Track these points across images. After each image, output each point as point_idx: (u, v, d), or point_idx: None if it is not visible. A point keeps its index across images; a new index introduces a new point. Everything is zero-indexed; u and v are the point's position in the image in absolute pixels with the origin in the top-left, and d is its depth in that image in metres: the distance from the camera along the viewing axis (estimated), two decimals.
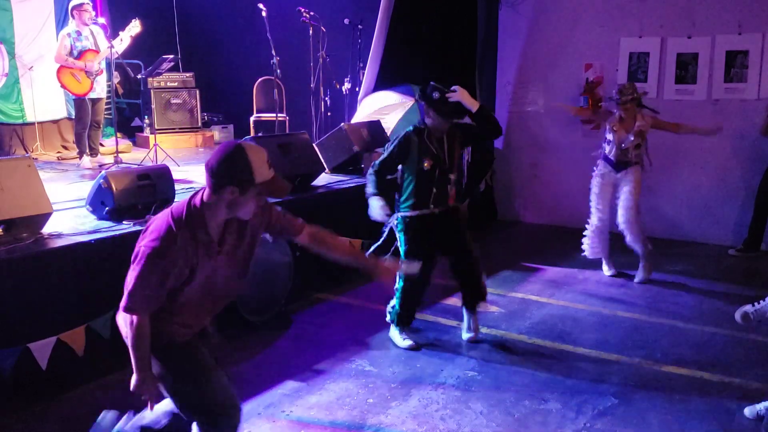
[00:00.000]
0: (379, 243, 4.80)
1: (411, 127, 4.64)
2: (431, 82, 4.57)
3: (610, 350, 4.73)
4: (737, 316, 3.86)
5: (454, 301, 5.67)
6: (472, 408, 3.90)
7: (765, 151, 6.93)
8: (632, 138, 5.99)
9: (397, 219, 4.67)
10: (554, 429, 3.69)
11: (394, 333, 4.81)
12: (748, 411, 3.81)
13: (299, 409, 3.85)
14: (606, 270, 6.44)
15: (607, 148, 6.12)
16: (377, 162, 4.67)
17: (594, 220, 6.29)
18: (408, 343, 4.73)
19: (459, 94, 4.51)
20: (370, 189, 4.64)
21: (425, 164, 4.52)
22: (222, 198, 2.52)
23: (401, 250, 4.67)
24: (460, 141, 4.70)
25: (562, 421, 3.77)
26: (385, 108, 7.60)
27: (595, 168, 6.28)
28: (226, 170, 2.48)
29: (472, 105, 4.53)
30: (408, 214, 4.62)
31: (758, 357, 4.63)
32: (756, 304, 3.79)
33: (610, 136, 6.10)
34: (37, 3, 8.55)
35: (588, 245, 6.37)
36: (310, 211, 5.75)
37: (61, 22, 8.60)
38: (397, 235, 4.70)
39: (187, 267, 2.53)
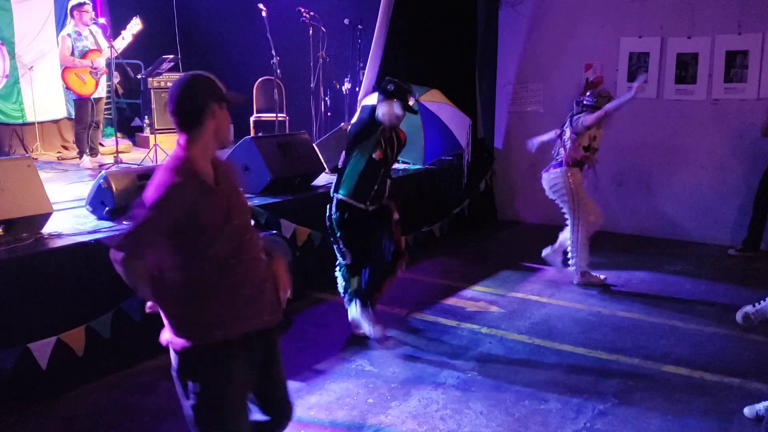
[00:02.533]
0: (347, 261, 4.78)
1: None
2: (388, 78, 4.55)
3: (610, 350, 4.73)
4: (738, 316, 3.86)
5: (454, 301, 5.69)
6: (472, 408, 3.90)
7: (765, 150, 6.93)
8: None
9: (334, 203, 4.66)
10: (554, 429, 3.69)
11: (361, 316, 4.74)
12: (747, 411, 3.81)
13: (299, 409, 3.84)
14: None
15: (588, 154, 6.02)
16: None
17: (582, 229, 6.08)
18: (375, 330, 4.71)
19: None
20: None
21: (376, 154, 4.53)
22: (207, 126, 2.44)
23: (336, 234, 4.69)
24: (398, 148, 4.74)
25: (562, 421, 3.77)
26: None
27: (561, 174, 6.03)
28: (202, 93, 2.43)
29: None
30: (345, 199, 4.58)
31: (758, 357, 4.63)
32: (756, 304, 3.79)
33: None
34: (37, 3, 8.55)
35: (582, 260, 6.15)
36: (310, 211, 5.77)
37: (61, 22, 8.59)
38: (333, 219, 4.68)
39: (192, 212, 2.34)
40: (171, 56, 8.10)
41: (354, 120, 5.16)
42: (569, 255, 6.13)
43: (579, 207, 5.96)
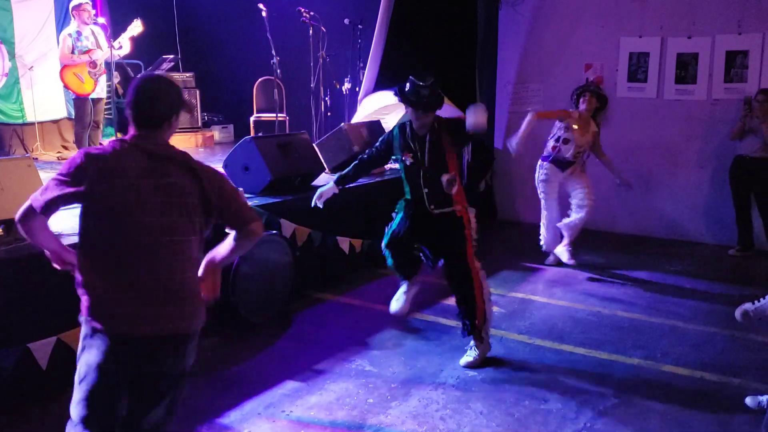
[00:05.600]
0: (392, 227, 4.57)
1: (398, 124, 4.55)
2: (410, 76, 4.31)
3: (610, 350, 4.73)
4: (737, 314, 3.86)
5: (454, 300, 5.67)
6: (472, 408, 3.89)
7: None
8: (589, 139, 6.22)
9: (400, 203, 4.55)
10: (554, 429, 3.69)
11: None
12: (749, 400, 3.82)
13: (299, 409, 3.85)
14: (551, 259, 6.69)
15: (564, 148, 6.21)
16: (366, 152, 4.67)
17: (545, 218, 6.59)
18: (397, 303, 4.66)
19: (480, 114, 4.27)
20: (339, 174, 4.74)
21: (406, 159, 4.35)
22: (172, 130, 2.54)
23: (390, 227, 4.53)
24: (449, 141, 4.32)
25: (562, 421, 3.77)
26: (385, 108, 7.61)
27: (539, 168, 6.47)
28: (180, 100, 2.52)
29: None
30: (409, 197, 4.48)
31: (758, 357, 4.63)
32: (756, 302, 3.79)
33: (568, 135, 6.20)
34: (37, 3, 8.55)
35: (544, 239, 6.65)
36: (310, 211, 5.76)
37: (61, 22, 8.60)
38: (394, 216, 4.55)
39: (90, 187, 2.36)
40: (171, 56, 8.11)
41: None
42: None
43: (542, 201, 6.56)
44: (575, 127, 6.17)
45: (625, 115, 7.79)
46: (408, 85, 4.26)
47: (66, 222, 4.62)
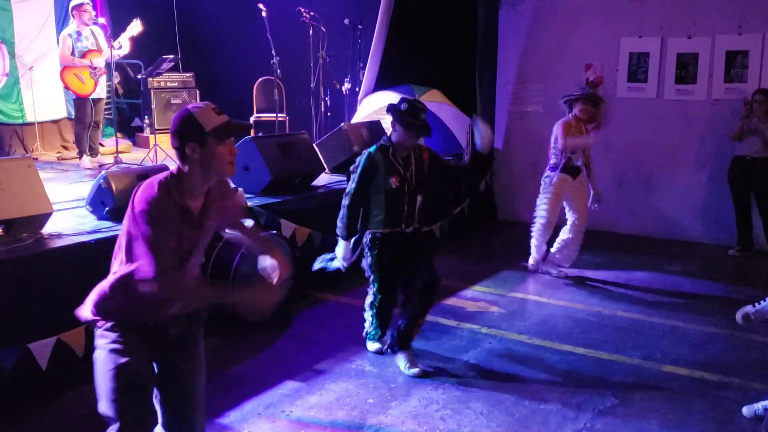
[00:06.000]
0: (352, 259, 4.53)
1: (373, 147, 4.34)
2: (402, 96, 4.27)
3: (610, 350, 4.73)
4: (738, 316, 3.86)
5: (454, 301, 5.69)
6: (472, 408, 3.90)
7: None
8: (591, 142, 6.14)
9: (366, 237, 4.39)
10: (554, 429, 3.69)
11: (368, 344, 4.71)
12: (746, 410, 3.81)
13: (299, 409, 3.85)
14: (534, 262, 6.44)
15: (573, 157, 6.06)
16: (349, 196, 4.34)
17: (539, 225, 6.33)
18: (376, 346, 4.62)
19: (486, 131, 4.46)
20: (341, 230, 4.39)
21: (392, 182, 4.24)
22: (190, 159, 2.63)
23: (366, 264, 4.43)
24: (428, 164, 4.40)
25: (562, 421, 3.77)
26: (384, 108, 7.60)
27: (546, 178, 6.22)
28: (179, 132, 2.63)
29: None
30: (378, 230, 4.34)
31: (758, 357, 4.63)
32: (756, 304, 3.79)
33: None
34: (37, 3, 8.55)
35: (536, 248, 6.38)
36: (310, 211, 5.77)
37: (61, 22, 8.60)
38: (365, 251, 4.41)
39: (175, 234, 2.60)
40: (171, 56, 8.09)
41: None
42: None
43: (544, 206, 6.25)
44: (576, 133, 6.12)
45: (625, 115, 7.79)
46: (405, 105, 4.23)
47: (66, 222, 4.63)
